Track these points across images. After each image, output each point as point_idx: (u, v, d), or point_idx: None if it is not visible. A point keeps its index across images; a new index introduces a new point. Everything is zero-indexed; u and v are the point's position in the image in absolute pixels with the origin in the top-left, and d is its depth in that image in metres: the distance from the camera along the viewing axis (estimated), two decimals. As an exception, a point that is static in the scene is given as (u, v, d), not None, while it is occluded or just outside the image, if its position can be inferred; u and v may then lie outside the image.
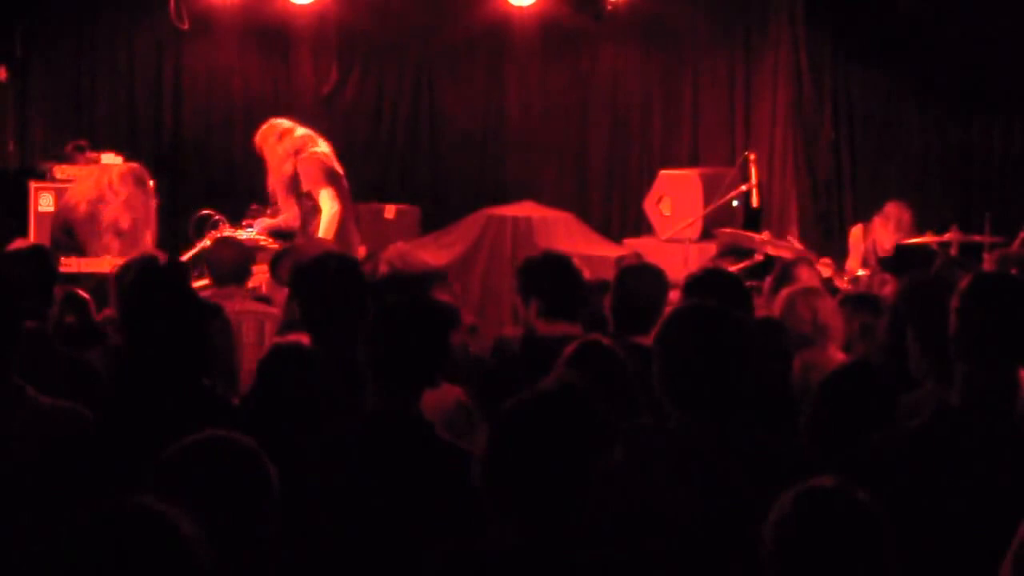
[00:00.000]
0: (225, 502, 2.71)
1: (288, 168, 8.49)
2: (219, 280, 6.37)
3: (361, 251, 8.56)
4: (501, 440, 2.78)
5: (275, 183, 8.59)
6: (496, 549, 2.75)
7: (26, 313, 3.84)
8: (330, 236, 8.18)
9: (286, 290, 5.45)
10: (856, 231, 9.71)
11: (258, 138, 8.62)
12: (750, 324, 4.22)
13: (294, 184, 8.52)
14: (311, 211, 8.43)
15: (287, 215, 8.65)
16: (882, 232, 9.51)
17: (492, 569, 2.73)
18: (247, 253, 6.84)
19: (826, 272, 8.24)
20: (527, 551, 2.70)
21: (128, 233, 8.50)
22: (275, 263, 6.53)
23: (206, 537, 2.11)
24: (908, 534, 2.81)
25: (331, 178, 8.39)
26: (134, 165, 8.90)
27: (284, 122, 8.63)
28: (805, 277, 6.42)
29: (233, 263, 6.42)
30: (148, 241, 8.76)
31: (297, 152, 8.45)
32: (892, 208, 9.56)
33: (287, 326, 5.04)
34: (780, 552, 2.67)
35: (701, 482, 3.24)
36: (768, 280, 6.55)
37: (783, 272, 6.55)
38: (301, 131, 8.57)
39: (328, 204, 8.29)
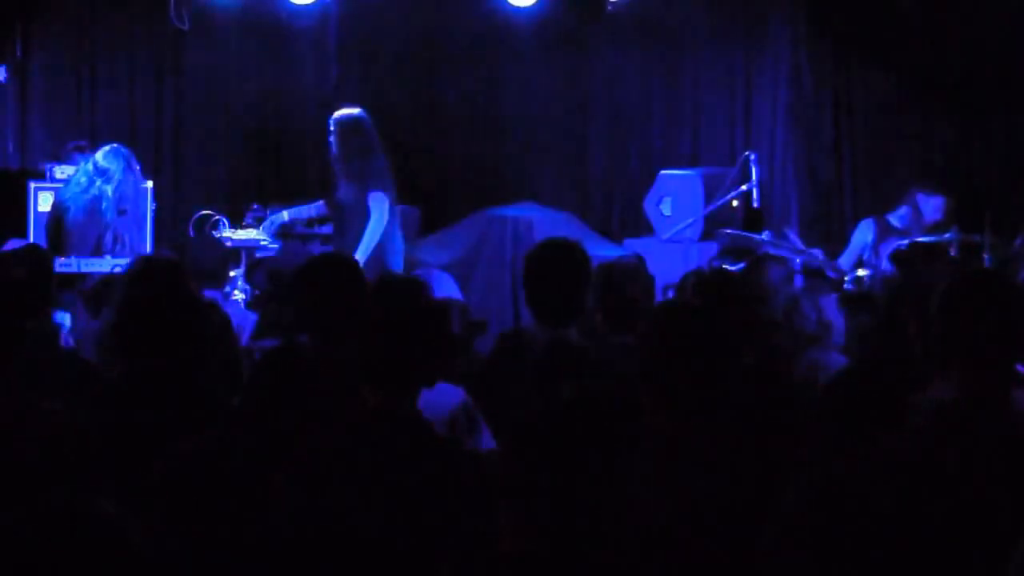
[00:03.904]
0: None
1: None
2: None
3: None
4: (525, 446, 2.76)
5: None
6: (514, 552, 2.73)
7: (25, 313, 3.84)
8: (373, 241, 8.19)
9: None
10: None
11: (350, 121, 8.63)
12: (731, 321, 4.24)
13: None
14: (358, 211, 8.38)
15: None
16: None
17: (512, 573, 2.72)
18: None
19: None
20: (547, 554, 2.69)
21: (127, 213, 8.38)
22: (251, 270, 6.48)
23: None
24: (910, 534, 2.80)
25: (390, 188, 8.43)
26: (116, 145, 8.72)
27: None
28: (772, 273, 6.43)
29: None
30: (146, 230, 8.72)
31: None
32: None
33: (261, 330, 5.01)
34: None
35: (695, 482, 3.24)
36: None
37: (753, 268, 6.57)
38: None
39: (380, 210, 8.30)
